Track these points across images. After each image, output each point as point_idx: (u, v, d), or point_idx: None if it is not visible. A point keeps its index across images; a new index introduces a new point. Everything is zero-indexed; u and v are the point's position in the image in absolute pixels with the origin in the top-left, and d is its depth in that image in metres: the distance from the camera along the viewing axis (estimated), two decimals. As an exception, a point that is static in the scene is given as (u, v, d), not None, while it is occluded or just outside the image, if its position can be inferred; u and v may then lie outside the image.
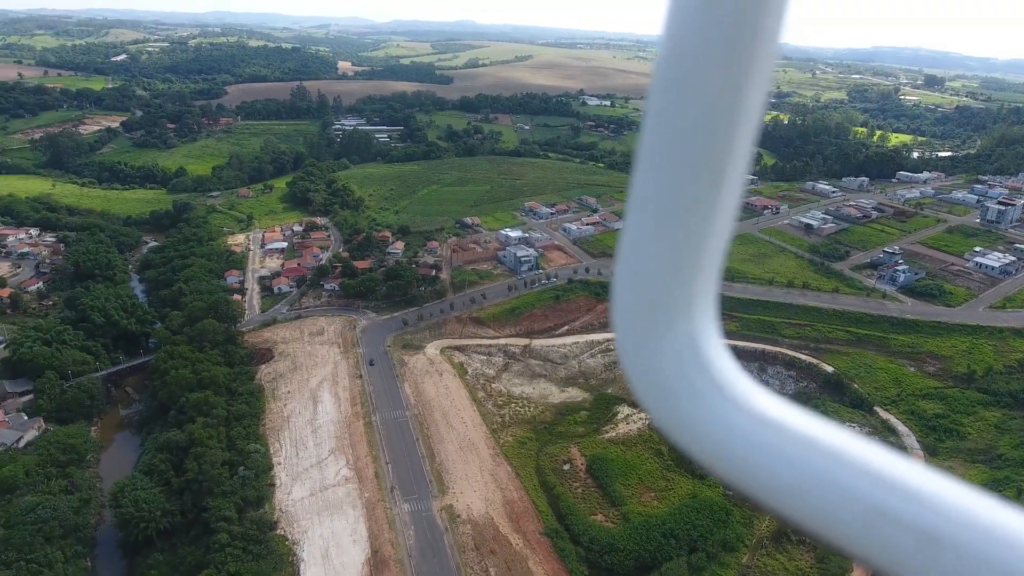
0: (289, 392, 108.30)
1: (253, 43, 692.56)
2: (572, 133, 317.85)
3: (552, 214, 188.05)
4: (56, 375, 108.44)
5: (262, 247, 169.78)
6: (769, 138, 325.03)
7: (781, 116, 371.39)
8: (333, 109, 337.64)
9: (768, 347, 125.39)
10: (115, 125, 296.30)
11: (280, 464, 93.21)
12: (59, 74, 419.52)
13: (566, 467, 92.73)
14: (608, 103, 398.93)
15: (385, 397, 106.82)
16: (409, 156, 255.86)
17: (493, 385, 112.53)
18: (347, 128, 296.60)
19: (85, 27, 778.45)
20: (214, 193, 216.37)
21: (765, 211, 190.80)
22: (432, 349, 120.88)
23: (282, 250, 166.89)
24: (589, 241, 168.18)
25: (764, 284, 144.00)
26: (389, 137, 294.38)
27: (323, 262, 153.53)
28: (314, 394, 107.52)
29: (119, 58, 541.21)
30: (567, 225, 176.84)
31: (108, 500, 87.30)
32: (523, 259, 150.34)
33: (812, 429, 1.66)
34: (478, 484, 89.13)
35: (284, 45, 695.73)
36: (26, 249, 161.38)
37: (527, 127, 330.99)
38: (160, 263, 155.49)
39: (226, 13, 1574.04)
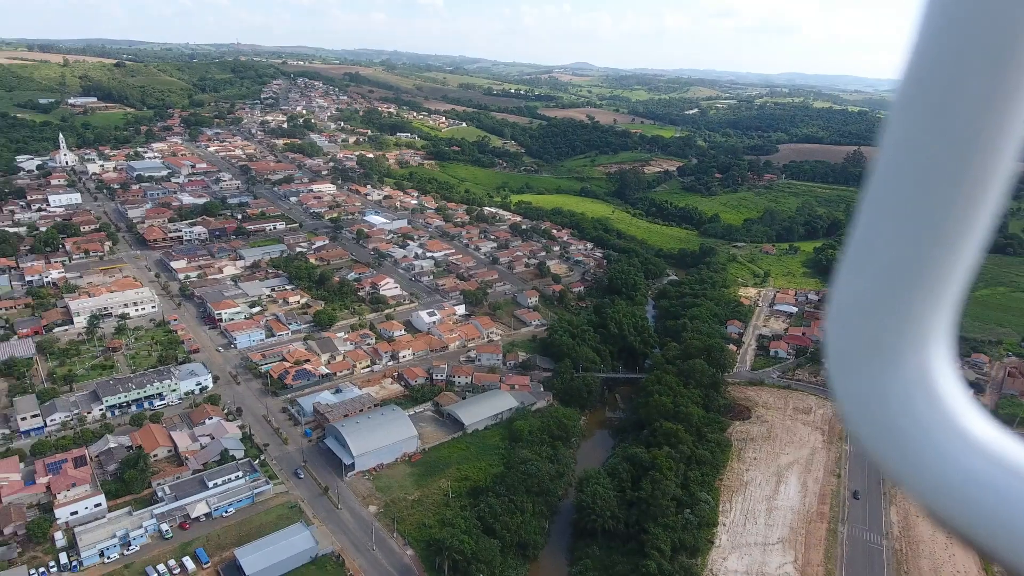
0: (755, 459, 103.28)
1: (817, 104, 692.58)
2: None
3: None
4: (571, 364, 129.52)
5: (770, 306, 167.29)
6: None
7: None
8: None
9: None
10: (672, 168, 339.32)
11: (724, 526, 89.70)
12: (641, 121, 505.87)
13: None
14: None
15: (862, 511, 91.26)
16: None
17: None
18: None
19: (672, 84, 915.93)
20: (739, 243, 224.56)
21: None
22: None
23: (790, 314, 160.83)
24: None
25: None
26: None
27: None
28: (781, 472, 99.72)
29: (690, 111, 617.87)
30: None
31: (576, 482, 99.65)
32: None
33: None
34: None
35: (850, 108, 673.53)
36: (580, 258, 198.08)
37: None
38: (674, 295, 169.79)
39: (797, 75, 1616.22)
